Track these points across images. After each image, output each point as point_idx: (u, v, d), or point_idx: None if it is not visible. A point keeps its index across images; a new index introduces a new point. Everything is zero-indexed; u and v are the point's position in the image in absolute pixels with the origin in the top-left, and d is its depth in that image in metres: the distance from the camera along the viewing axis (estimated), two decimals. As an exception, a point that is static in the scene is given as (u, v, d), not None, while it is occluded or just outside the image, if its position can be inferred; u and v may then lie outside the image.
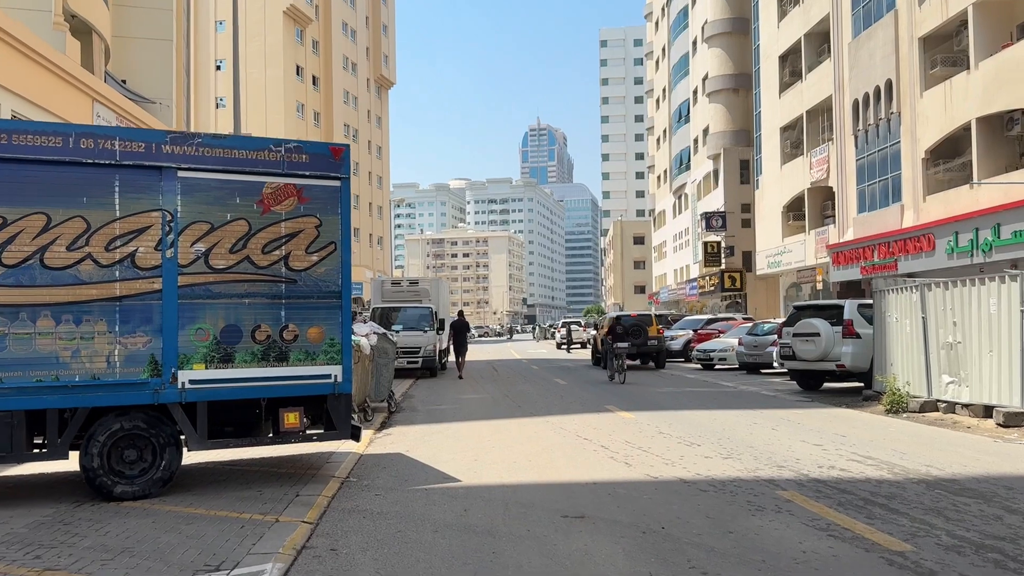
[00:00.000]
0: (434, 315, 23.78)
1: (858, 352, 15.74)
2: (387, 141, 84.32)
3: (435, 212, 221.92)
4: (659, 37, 73.06)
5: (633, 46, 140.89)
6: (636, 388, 18.42)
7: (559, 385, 19.72)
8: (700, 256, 54.16)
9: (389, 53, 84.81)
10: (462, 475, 8.18)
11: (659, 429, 11.14)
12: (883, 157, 30.75)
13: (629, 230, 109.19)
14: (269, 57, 63.47)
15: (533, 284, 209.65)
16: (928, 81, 27.71)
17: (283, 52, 64.02)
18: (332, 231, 7.99)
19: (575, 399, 15.94)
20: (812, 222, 37.44)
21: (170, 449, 7.51)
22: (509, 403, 15.39)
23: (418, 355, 22.97)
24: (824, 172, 35.50)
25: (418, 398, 16.93)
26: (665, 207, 71.16)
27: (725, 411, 13.31)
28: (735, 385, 18.91)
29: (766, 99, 42.47)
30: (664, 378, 22.03)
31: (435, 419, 13.05)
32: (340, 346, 7.98)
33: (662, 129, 71.91)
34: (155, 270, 7.43)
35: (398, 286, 25.70)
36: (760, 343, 22.27)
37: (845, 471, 8.00)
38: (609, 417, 12.66)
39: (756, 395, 16.45)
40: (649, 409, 13.66)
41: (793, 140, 39.77)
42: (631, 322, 26.16)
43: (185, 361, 7.48)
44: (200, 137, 7.65)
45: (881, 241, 29.99)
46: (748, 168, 49.58)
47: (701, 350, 25.26)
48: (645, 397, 16.06)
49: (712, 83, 51.41)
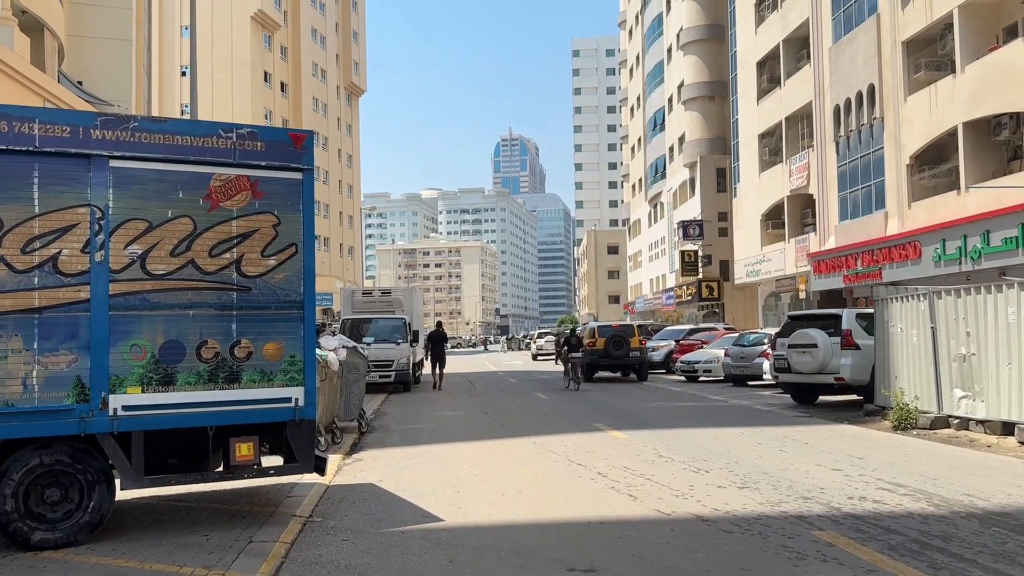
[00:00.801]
0: (407, 326, 22.65)
1: (857, 364, 14.89)
2: (358, 149, 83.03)
3: (406, 222, 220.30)
4: (633, 45, 72.68)
5: (605, 56, 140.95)
6: (623, 403, 17.44)
7: (541, 400, 18.68)
8: (677, 265, 53.50)
9: (359, 60, 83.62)
10: (445, 512, 7.10)
11: (658, 452, 10.13)
12: (866, 163, 30.22)
13: (603, 240, 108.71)
14: (236, 63, 62.02)
15: (506, 295, 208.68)
16: (912, 86, 27.21)
17: (250, 58, 62.59)
18: (292, 231, 6.90)
19: (561, 416, 14.91)
20: (792, 230, 36.87)
21: (100, 487, 6.35)
22: (490, 421, 14.32)
23: (391, 369, 21.81)
24: (804, 179, 34.95)
25: (392, 416, 15.80)
26: (640, 216, 70.59)
27: (723, 429, 12.35)
28: (725, 399, 18.01)
29: (743, 106, 41.96)
30: (649, 391, 21.09)
31: (411, 440, 11.94)
32: (302, 364, 6.87)
33: (637, 138, 71.41)
34: (82, 276, 6.29)
35: (369, 296, 24.51)
36: (747, 354, 21.42)
37: (880, 503, 7.04)
38: (601, 437, 11.64)
39: (751, 410, 15.54)
40: (642, 427, 12.67)
41: (772, 147, 39.25)
42: (612, 333, 25.25)
43: (117, 384, 6.34)
44: (136, 120, 6.53)
45: (865, 249, 29.40)
46: (725, 176, 49.09)
47: (685, 362, 24.38)
48: (635, 414, 15.08)
49: (688, 90, 50.90)
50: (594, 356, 25.21)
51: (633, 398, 18.79)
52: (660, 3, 59.15)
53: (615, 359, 24.92)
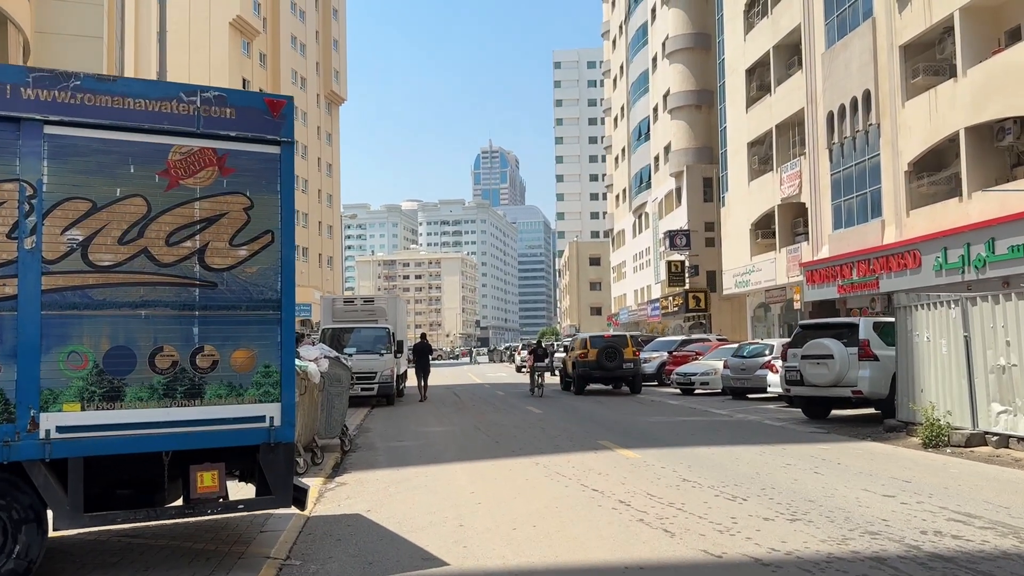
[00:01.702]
0: (391, 336, 21.47)
1: (876, 376, 13.94)
2: (338, 159, 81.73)
3: (387, 233, 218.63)
4: (617, 55, 72.11)
5: (587, 68, 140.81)
6: (623, 417, 16.37)
7: (535, 414, 17.56)
8: (662, 276, 52.68)
9: (340, 69, 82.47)
10: (448, 552, 5.97)
11: (680, 474, 9.06)
12: (861, 171, 29.50)
13: (585, 251, 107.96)
14: (214, 69, 60.59)
15: (486, 306, 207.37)
16: (910, 91, 26.53)
17: (228, 64, 61.23)
18: (268, 216, 5.76)
19: (560, 432, 13.80)
20: (783, 240, 36.11)
21: (28, 527, 5.17)
22: (484, 438, 13.18)
23: (374, 381, 20.61)
24: (796, 188, 34.22)
25: (376, 432, 14.61)
26: (624, 227, 69.82)
27: (742, 448, 11.31)
28: (729, 413, 17.00)
29: (732, 114, 41.27)
30: (646, 405, 20.05)
31: (399, 461, 10.78)
32: (278, 376, 5.72)
33: (621, 148, 70.75)
34: (8, 267, 5.13)
35: (351, 305, 23.26)
36: (748, 366, 20.46)
37: (961, 538, 6.01)
38: (610, 457, 10.55)
39: (762, 426, 14.53)
40: (651, 445, 11.59)
41: (761, 156, 38.54)
42: (605, 343, 24.23)
43: (51, 399, 5.17)
44: (79, 78, 5.38)
45: (861, 258, 28.63)
46: (712, 186, 48.40)
47: (681, 374, 23.38)
48: (639, 429, 14.00)
49: (674, 99, 50.23)
50: (586, 368, 24.18)
51: (631, 412, 17.73)
52: (645, 12, 58.61)
53: (608, 371, 23.89)
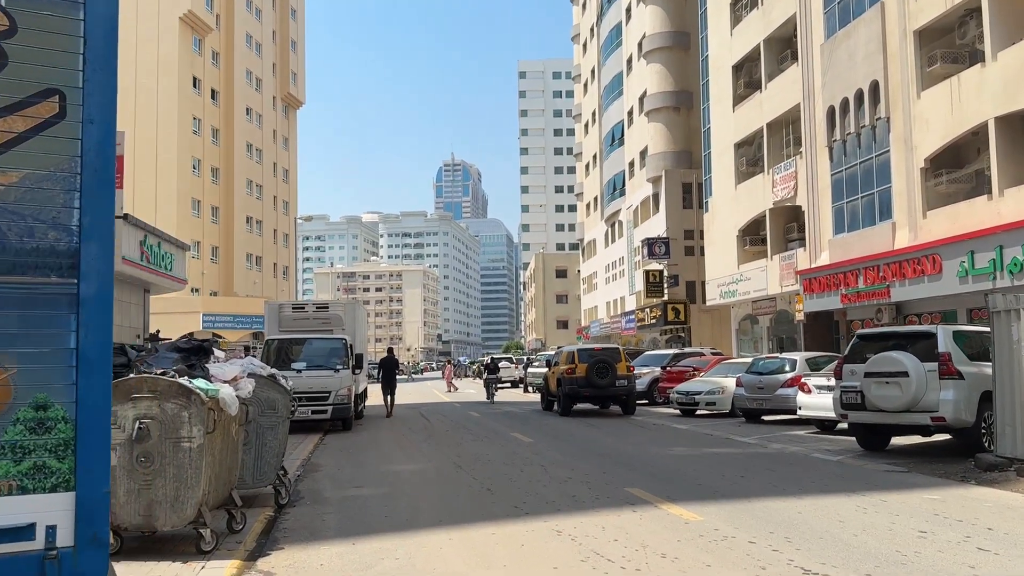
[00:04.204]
0: (348, 349, 18.19)
1: (961, 399, 11.11)
2: (295, 164, 77.98)
3: (346, 245, 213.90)
4: (588, 59, 69.68)
5: (552, 79, 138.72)
6: (634, 449, 13.34)
7: (523, 443, 14.42)
8: (639, 287, 50.01)
9: (298, 71, 78.88)
10: None
11: (784, 554, 6.01)
12: (867, 169, 27.02)
13: (551, 263, 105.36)
14: (163, 65, 56.78)
15: (448, 320, 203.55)
16: (926, 80, 24.11)
17: (178, 61, 57.42)
18: (53, 58, 2.59)
19: (567, 471, 10.68)
20: (775, 246, 33.55)
21: None
22: (470, 482, 10.00)
23: (327, 403, 17.30)
24: (791, 190, 31.71)
25: (327, 472, 11.35)
26: (596, 236, 67.14)
27: (825, 499, 8.33)
28: (759, 441, 14.08)
29: (717, 113, 38.78)
30: (649, 430, 17.05)
31: (357, 525, 7.58)
32: (71, 428, 2.52)
33: (592, 154, 68.19)
34: None
35: (301, 312, 19.84)
36: (767, 384, 17.59)
37: None
38: (657, 518, 7.47)
39: (812, 461, 11.61)
40: (702, 496, 8.54)
41: (750, 157, 36.05)
42: (595, 358, 21.22)
43: None
44: None
45: (868, 265, 26.09)
46: (692, 191, 45.91)
47: (683, 392, 20.44)
48: (666, 467, 10.97)
49: (651, 101, 47.71)
50: (573, 386, 21.15)
51: (639, 441, 14.71)
52: (619, 12, 56.21)
53: (599, 389, 20.88)
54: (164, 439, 6.23)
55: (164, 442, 6.23)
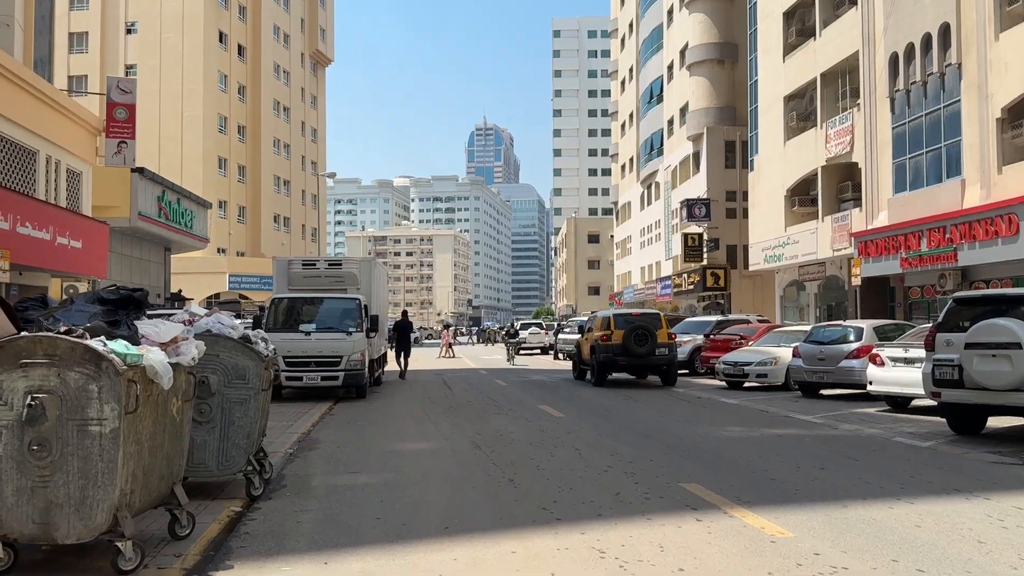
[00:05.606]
0: (363, 309, 16.54)
1: (1086, 377, 9.14)
2: (323, 123, 76.29)
3: (378, 209, 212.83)
4: (625, 12, 66.67)
5: (587, 37, 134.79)
6: (681, 428, 11.57)
7: (554, 419, 12.72)
8: (676, 251, 47.87)
9: (327, 27, 76.76)
10: None
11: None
12: (933, 121, 24.60)
13: (583, 227, 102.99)
14: (187, 20, 55.08)
15: (479, 285, 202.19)
16: (1006, 20, 21.62)
17: (204, 15, 55.65)
18: None
19: (607, 457, 8.93)
20: (827, 207, 31.24)
21: None
22: (488, 470, 8.30)
23: (338, 368, 15.71)
24: (846, 145, 29.33)
25: (324, 451, 9.74)
26: (631, 199, 64.77)
27: (942, 504, 6.51)
28: (825, 421, 12.23)
29: (766, 65, 36.24)
30: (694, 404, 15.27)
31: (339, 532, 5.87)
32: None
33: (628, 113, 65.54)
34: None
35: (312, 268, 18.11)
36: (829, 355, 15.65)
37: None
38: (730, 529, 5.71)
39: (895, 445, 9.78)
40: (779, 498, 6.74)
41: (801, 111, 33.59)
42: (633, 324, 19.38)
43: None
44: None
45: (932, 226, 23.83)
46: (735, 150, 43.44)
47: (730, 363, 18.56)
48: (722, 453, 9.20)
49: (693, 53, 45.07)
50: (609, 353, 19.37)
51: (685, 418, 12.94)
52: (660, -39, 53.33)
53: (637, 358, 19.08)
54: (65, 421, 4.59)
55: (65, 425, 4.59)
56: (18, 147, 17.22)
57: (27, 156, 17.76)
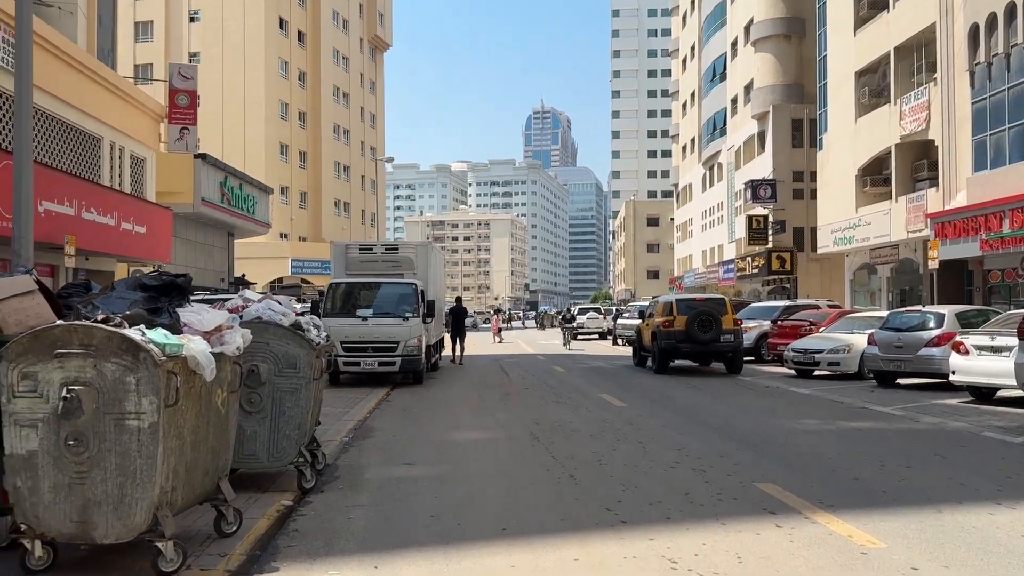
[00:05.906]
0: (420, 295, 16.32)
1: None
2: (382, 109, 76.53)
3: (435, 194, 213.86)
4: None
5: (647, 16, 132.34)
6: (751, 421, 11.01)
7: (615, 409, 12.28)
8: (739, 234, 46.64)
9: (385, 12, 76.80)
10: None
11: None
12: (1017, 95, 23.14)
13: (642, 210, 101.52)
14: (249, 7, 55.64)
15: (535, 269, 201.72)
16: (1102, -17, 20.17)
17: (264, 2, 56.14)
18: None
19: (672, 452, 8.47)
20: (901, 187, 29.86)
21: None
22: (548, 464, 7.91)
23: (395, 353, 15.54)
24: (922, 122, 27.93)
25: (379, 439, 9.50)
26: (692, 180, 63.43)
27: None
28: (907, 413, 11.51)
29: (835, 39, 34.79)
30: (762, 394, 14.63)
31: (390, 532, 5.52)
32: None
33: (690, 92, 64.06)
34: None
35: (369, 253, 17.99)
36: (908, 342, 14.82)
37: None
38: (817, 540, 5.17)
39: (985, 442, 9.09)
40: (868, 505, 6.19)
41: (873, 87, 32.14)
42: (697, 309, 18.74)
43: None
44: None
45: (1016, 206, 22.49)
46: (802, 129, 41.98)
47: (800, 350, 17.80)
48: (799, 449, 8.64)
49: (759, 29, 43.61)
50: (671, 340, 18.77)
51: (756, 408, 12.35)
52: (723, -66, 51.70)
53: (701, 344, 18.45)
54: (102, 414, 4.35)
55: (102, 419, 4.35)
56: (82, 134, 17.43)
57: (91, 143, 17.98)
